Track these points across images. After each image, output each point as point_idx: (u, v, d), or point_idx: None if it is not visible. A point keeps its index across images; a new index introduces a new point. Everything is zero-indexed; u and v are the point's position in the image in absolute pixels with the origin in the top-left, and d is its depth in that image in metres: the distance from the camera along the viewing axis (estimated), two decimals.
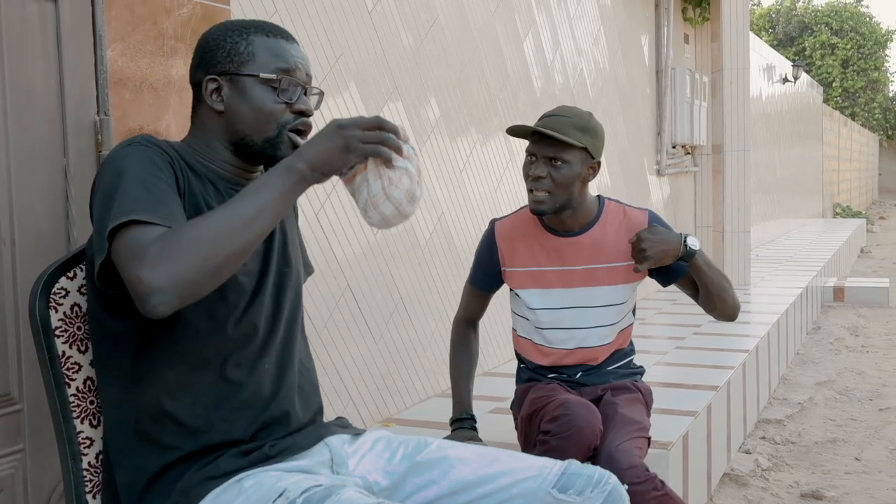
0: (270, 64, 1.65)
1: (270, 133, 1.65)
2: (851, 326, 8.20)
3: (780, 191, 14.11)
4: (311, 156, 1.51)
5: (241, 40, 1.65)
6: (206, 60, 1.67)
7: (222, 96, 1.65)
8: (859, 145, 28.66)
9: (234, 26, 1.68)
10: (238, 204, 1.46)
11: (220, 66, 1.65)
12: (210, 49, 1.67)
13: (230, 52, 1.65)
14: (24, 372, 1.96)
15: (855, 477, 4.19)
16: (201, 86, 1.67)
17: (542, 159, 2.51)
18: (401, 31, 3.80)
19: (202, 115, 1.69)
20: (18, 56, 1.96)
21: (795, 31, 32.48)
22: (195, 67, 1.69)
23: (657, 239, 2.53)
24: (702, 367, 4.41)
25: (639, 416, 2.53)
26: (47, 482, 2.02)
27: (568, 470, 1.73)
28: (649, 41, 7.65)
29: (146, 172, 1.50)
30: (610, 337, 2.69)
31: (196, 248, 1.39)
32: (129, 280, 1.40)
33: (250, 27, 1.67)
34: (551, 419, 2.43)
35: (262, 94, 1.64)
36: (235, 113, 1.65)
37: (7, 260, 1.93)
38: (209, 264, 1.40)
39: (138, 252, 1.39)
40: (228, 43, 1.65)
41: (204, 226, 1.42)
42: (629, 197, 6.80)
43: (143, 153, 1.53)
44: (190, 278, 1.38)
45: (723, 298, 2.63)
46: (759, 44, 12.53)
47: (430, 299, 4.01)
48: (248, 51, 1.65)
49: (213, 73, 1.65)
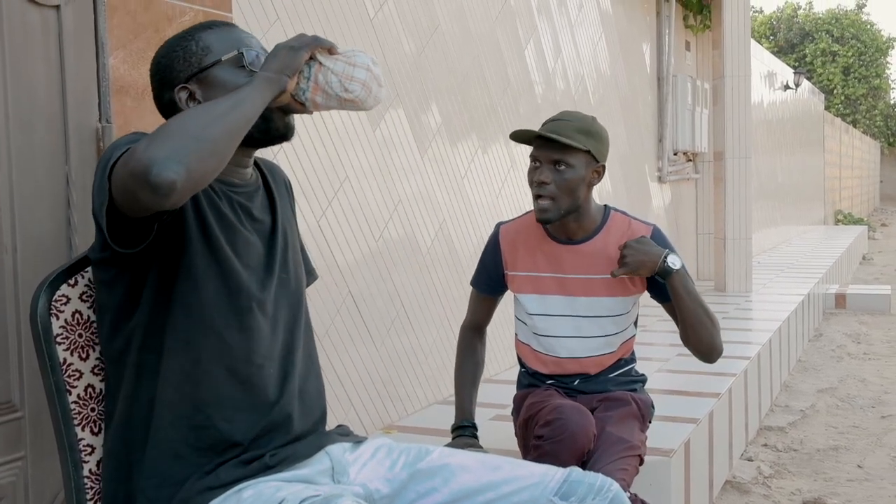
0: (227, 47, 1.66)
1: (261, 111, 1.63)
2: (853, 333, 8.19)
3: (781, 198, 14.11)
4: (268, 66, 1.56)
5: (190, 42, 1.66)
6: (167, 77, 1.66)
7: (197, 98, 1.65)
8: (861, 152, 28.66)
9: (175, 38, 1.69)
10: (216, 102, 1.49)
11: (182, 74, 1.65)
12: (165, 66, 1.67)
13: (185, 57, 1.65)
14: (25, 379, 1.96)
15: (857, 484, 4.19)
16: (174, 105, 1.66)
17: (547, 164, 2.51)
18: (402, 38, 3.81)
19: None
20: (21, 63, 1.96)
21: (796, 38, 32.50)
22: (160, 91, 1.68)
23: (639, 248, 2.52)
24: (703, 374, 4.40)
25: (629, 433, 2.50)
26: (48, 490, 2.02)
27: (570, 478, 1.73)
28: (650, 48, 7.66)
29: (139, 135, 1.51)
30: (606, 348, 2.68)
31: (187, 128, 1.41)
32: (131, 171, 1.37)
33: (191, 31, 1.68)
34: (545, 424, 2.43)
35: (232, 75, 1.65)
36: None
37: (8, 266, 1.93)
38: (203, 144, 1.41)
39: (133, 151, 1.39)
40: (179, 50, 1.66)
41: (189, 115, 1.45)
42: (630, 203, 6.80)
43: (135, 135, 1.54)
44: (188, 150, 1.39)
45: (697, 331, 2.55)
46: (760, 51, 12.55)
47: (431, 306, 4.01)
48: (201, 46, 1.65)
49: (179, 84, 1.65)
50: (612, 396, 2.65)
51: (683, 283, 2.52)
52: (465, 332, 2.81)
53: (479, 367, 2.78)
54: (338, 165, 3.37)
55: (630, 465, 2.43)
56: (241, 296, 1.63)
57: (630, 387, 2.73)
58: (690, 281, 2.54)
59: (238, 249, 1.65)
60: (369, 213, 3.57)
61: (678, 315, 2.58)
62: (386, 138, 3.68)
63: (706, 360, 2.63)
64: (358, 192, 3.50)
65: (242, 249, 1.65)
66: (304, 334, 1.79)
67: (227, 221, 1.65)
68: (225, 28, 1.70)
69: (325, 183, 3.30)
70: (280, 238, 1.75)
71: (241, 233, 1.66)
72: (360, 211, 3.51)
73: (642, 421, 2.64)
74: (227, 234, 1.63)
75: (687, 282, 2.52)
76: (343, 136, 3.40)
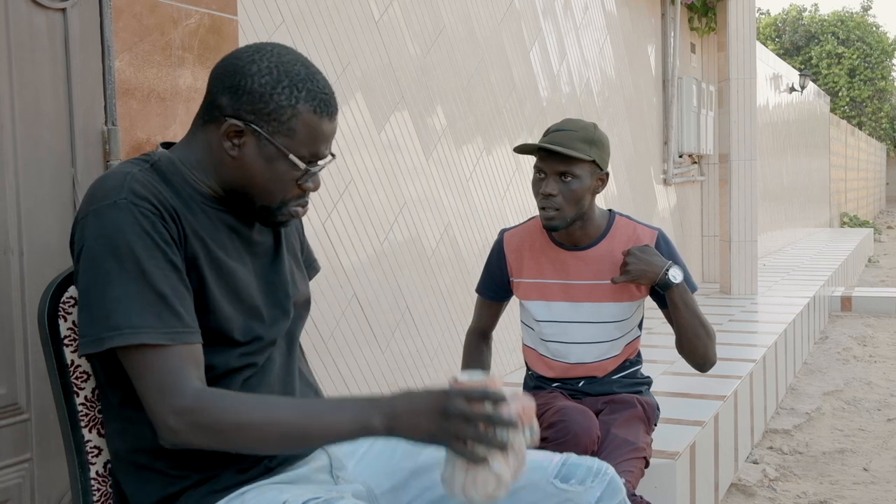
0: (305, 147, 1.55)
1: (272, 203, 1.59)
2: (859, 336, 8.17)
3: (786, 200, 14.08)
4: (398, 410, 1.41)
5: (288, 107, 1.52)
6: (242, 100, 1.52)
7: (240, 147, 1.54)
8: (867, 154, 28.61)
9: (286, 80, 1.52)
10: (299, 415, 1.44)
11: (254, 119, 1.53)
12: (251, 93, 1.52)
13: (272, 114, 1.52)
14: (31, 381, 1.96)
15: (863, 487, 4.18)
16: (220, 110, 1.55)
17: (552, 175, 2.51)
18: (407, 41, 3.81)
19: (209, 137, 1.58)
20: (27, 66, 1.97)
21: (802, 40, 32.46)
22: (223, 90, 1.54)
23: (642, 258, 2.53)
24: (709, 376, 4.36)
25: (633, 435, 2.51)
26: (55, 491, 2.02)
27: (568, 461, 1.77)
28: (656, 50, 7.65)
29: (144, 255, 1.44)
30: (612, 352, 2.69)
31: (232, 434, 1.43)
32: (152, 408, 1.44)
33: (302, 90, 1.53)
34: (548, 426, 2.45)
35: (282, 169, 1.55)
36: (247, 169, 1.56)
37: (15, 269, 1.93)
38: (235, 446, 1.45)
39: (169, 390, 1.42)
40: (274, 101, 1.51)
41: (254, 416, 1.43)
42: (635, 206, 6.80)
43: (135, 222, 1.45)
44: (212, 446, 1.45)
45: (692, 343, 2.57)
46: (765, 53, 12.53)
47: (436, 309, 4.01)
48: (290, 125, 1.52)
49: (243, 119, 1.53)
50: (618, 399, 2.65)
51: (682, 297, 2.54)
52: (471, 337, 2.82)
53: (484, 370, 2.78)
54: (343, 168, 3.38)
55: (635, 466, 2.43)
56: (247, 311, 1.61)
57: (635, 389, 2.73)
58: (689, 294, 2.56)
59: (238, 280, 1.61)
60: (374, 215, 3.58)
61: (674, 324, 2.60)
62: (391, 141, 3.68)
63: (699, 369, 2.66)
64: (363, 194, 3.50)
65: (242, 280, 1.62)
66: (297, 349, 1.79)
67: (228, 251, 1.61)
68: (324, 121, 1.55)
69: (330, 185, 3.30)
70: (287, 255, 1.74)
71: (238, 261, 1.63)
72: (365, 213, 3.51)
73: (647, 423, 2.64)
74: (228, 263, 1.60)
75: (686, 295, 2.54)
76: (348, 138, 3.41)
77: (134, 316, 1.43)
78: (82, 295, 1.47)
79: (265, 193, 1.58)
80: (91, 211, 1.48)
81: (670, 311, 2.58)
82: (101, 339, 1.43)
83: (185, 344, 1.46)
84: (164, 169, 1.56)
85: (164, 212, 1.50)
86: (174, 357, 1.44)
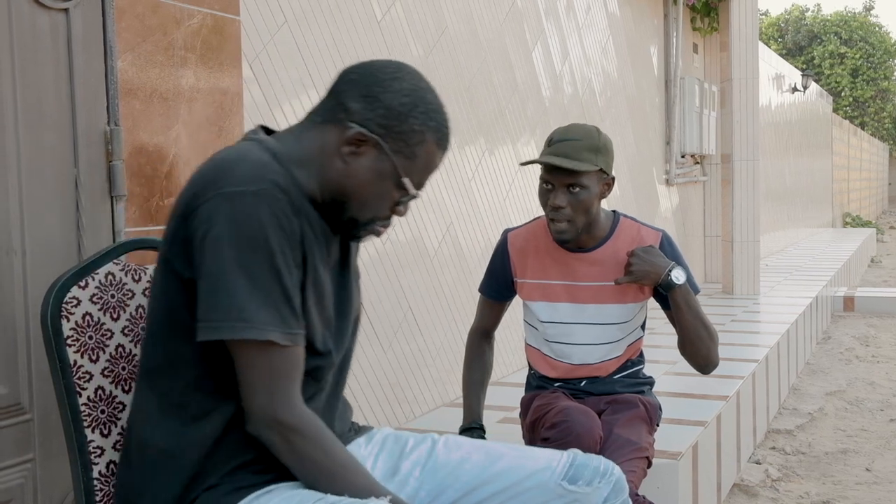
0: (417, 174, 1.58)
1: (362, 218, 1.60)
2: (861, 336, 8.17)
3: (789, 200, 14.08)
4: None
5: (419, 132, 1.55)
6: (376, 112, 1.54)
7: (357, 155, 1.55)
8: (869, 155, 28.60)
9: (422, 106, 1.56)
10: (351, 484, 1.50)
11: (383, 133, 1.54)
12: (389, 108, 1.54)
13: (402, 134, 1.54)
14: (34, 381, 1.97)
15: (866, 488, 4.17)
16: (347, 114, 1.55)
17: (560, 188, 2.50)
18: (410, 41, 3.81)
19: (325, 137, 1.57)
20: (29, 66, 1.97)
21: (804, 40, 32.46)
22: (357, 97, 1.55)
23: (646, 259, 2.54)
24: (711, 376, 4.34)
25: (636, 435, 2.51)
26: (57, 492, 2.02)
27: (575, 461, 1.78)
28: (658, 51, 7.65)
29: (278, 252, 1.45)
30: (615, 352, 2.69)
31: (305, 466, 1.49)
32: (257, 403, 1.47)
33: (433, 121, 1.57)
34: (550, 426, 2.45)
35: (388, 188, 1.57)
36: (354, 178, 1.56)
37: (18, 270, 1.94)
38: (298, 471, 1.51)
39: (280, 398, 1.46)
40: (408, 123, 1.54)
41: (330, 466, 1.49)
42: (638, 206, 6.80)
43: (273, 215, 1.45)
44: (282, 457, 1.50)
45: (695, 345, 2.58)
46: (768, 53, 12.52)
47: (438, 309, 4.01)
48: (414, 150, 1.56)
49: (372, 131, 1.54)
50: (620, 399, 2.65)
51: (685, 298, 2.54)
52: (473, 337, 2.81)
53: (487, 370, 2.78)
54: None
55: (638, 466, 2.44)
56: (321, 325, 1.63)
57: (637, 389, 2.73)
58: (692, 295, 2.56)
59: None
60: None
61: (676, 326, 2.60)
62: None
63: (701, 371, 2.67)
64: None
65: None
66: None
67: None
68: (440, 155, 1.61)
69: None
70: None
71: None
72: None
73: (650, 423, 2.64)
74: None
75: (689, 296, 2.54)
76: None
77: (263, 312, 1.43)
78: (208, 278, 1.44)
79: (361, 206, 1.59)
80: (222, 195, 1.45)
81: (673, 312, 2.58)
82: (229, 329, 1.43)
83: (298, 346, 1.49)
84: (281, 161, 1.54)
85: (297, 209, 1.50)
86: (289, 359, 1.48)
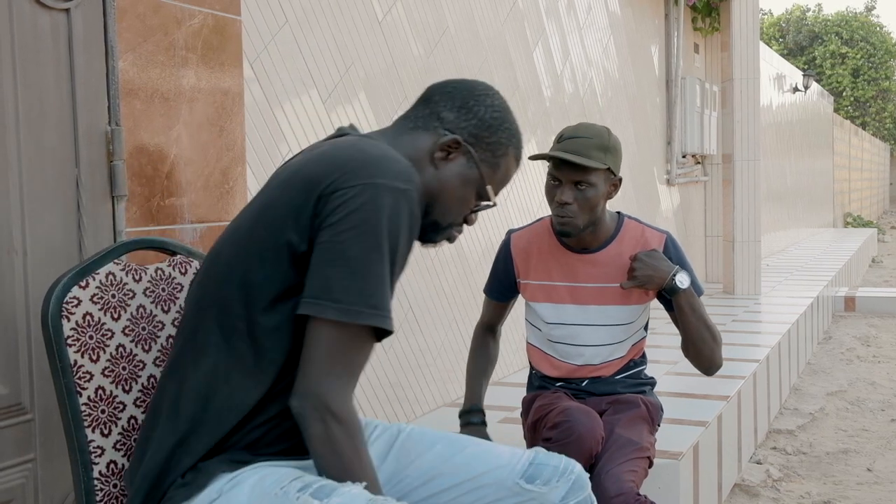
0: (496, 184, 1.71)
1: (444, 221, 1.69)
2: (863, 336, 8.16)
3: (790, 200, 14.07)
4: None
5: (505, 145, 1.70)
6: (470, 122, 1.67)
7: (448, 161, 1.67)
8: (870, 155, 28.58)
9: (509, 122, 1.71)
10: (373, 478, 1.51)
11: (473, 142, 1.67)
12: (482, 120, 1.68)
13: (490, 145, 1.68)
14: (35, 381, 1.97)
15: (867, 488, 4.17)
16: (441, 122, 1.68)
17: (568, 184, 2.50)
18: (411, 41, 3.81)
19: (417, 143, 1.68)
20: (30, 66, 1.97)
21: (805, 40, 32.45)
22: (452, 107, 1.68)
23: (649, 263, 2.54)
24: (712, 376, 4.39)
25: (637, 435, 2.51)
26: (58, 492, 2.02)
27: (535, 460, 1.79)
28: (659, 50, 7.65)
29: (404, 250, 1.53)
30: (618, 353, 2.70)
31: (330, 457, 1.47)
32: (318, 379, 1.46)
33: (515, 137, 1.72)
34: (552, 426, 2.45)
35: (470, 194, 1.69)
36: (443, 182, 1.67)
37: (19, 269, 1.94)
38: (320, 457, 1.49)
39: (346, 382, 1.47)
40: (497, 136, 1.69)
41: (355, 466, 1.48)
42: (639, 206, 6.79)
43: (412, 216, 1.52)
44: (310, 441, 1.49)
45: (698, 348, 2.59)
46: (769, 53, 12.52)
47: (439, 308, 4.01)
48: (498, 161, 1.70)
49: (467, 141, 1.67)
50: (622, 399, 2.65)
51: (689, 302, 2.55)
52: (479, 331, 2.84)
53: (491, 361, 2.80)
54: None
55: (639, 466, 2.43)
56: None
57: (639, 389, 2.73)
58: (696, 298, 2.56)
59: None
60: None
61: (680, 329, 2.61)
62: None
63: (705, 373, 2.68)
64: None
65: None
66: None
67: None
68: (515, 167, 1.75)
69: None
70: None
71: None
72: None
73: (651, 423, 2.64)
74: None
75: (693, 300, 2.55)
76: None
77: (387, 301, 1.48)
78: (346, 260, 1.46)
79: (445, 209, 1.68)
80: (382, 185, 1.49)
81: (677, 315, 2.58)
82: (358, 313, 1.45)
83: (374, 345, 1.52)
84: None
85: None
86: (368, 354, 1.51)
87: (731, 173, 7.88)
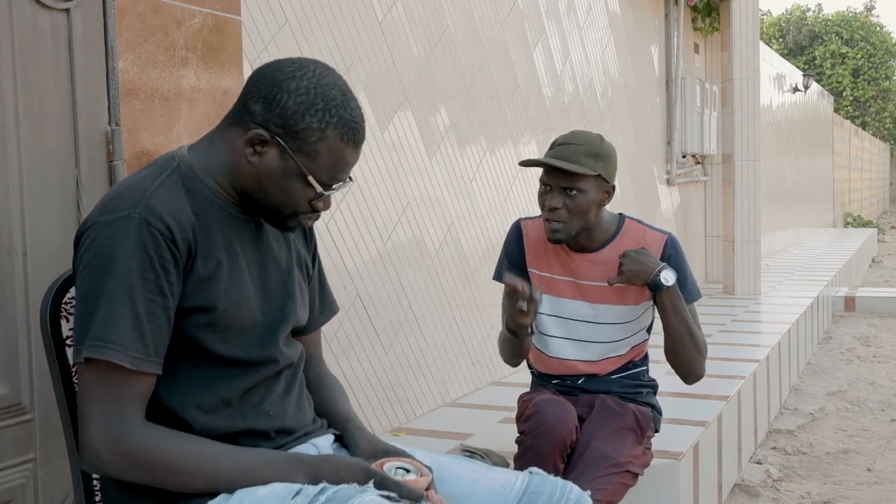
0: (324, 171, 1.57)
1: (284, 211, 1.61)
2: (863, 336, 8.16)
3: (790, 200, 14.07)
4: (322, 476, 1.49)
5: (317, 130, 1.54)
6: (274, 113, 1.54)
7: (261, 156, 1.56)
8: (870, 154, 28.57)
9: (321, 103, 1.54)
10: (229, 467, 1.49)
11: (281, 133, 1.54)
12: (284, 108, 1.54)
13: (299, 133, 1.54)
14: (35, 382, 1.97)
15: (867, 488, 4.17)
16: (250, 116, 1.56)
17: (557, 189, 2.52)
18: (411, 41, 3.81)
19: (233, 139, 1.59)
20: (31, 66, 1.97)
21: (805, 40, 32.44)
22: (258, 98, 1.56)
23: (636, 259, 2.55)
24: (712, 376, 4.36)
25: (615, 449, 2.48)
26: (58, 492, 2.03)
27: (529, 488, 1.70)
28: (659, 50, 7.65)
29: (136, 273, 1.45)
30: (616, 352, 2.70)
31: (161, 471, 1.45)
32: (89, 431, 1.44)
33: (334, 116, 1.55)
34: (525, 419, 2.49)
35: (297, 187, 1.57)
36: (262, 178, 1.57)
37: (19, 270, 1.94)
38: (163, 485, 1.47)
39: (114, 422, 1.43)
40: (305, 122, 1.53)
41: (188, 460, 1.47)
42: (639, 206, 6.79)
43: (139, 237, 1.45)
44: (138, 481, 1.47)
45: (676, 351, 2.58)
46: (769, 53, 12.51)
47: (439, 308, 4.01)
48: (315, 147, 1.55)
49: (270, 131, 1.55)
50: (609, 405, 2.63)
51: (672, 301, 2.54)
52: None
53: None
54: None
55: (611, 482, 2.41)
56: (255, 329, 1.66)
57: (635, 390, 2.73)
58: (681, 300, 2.55)
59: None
60: (378, 215, 3.58)
61: (663, 329, 2.60)
62: (394, 141, 3.68)
63: (684, 380, 2.67)
64: (366, 194, 3.50)
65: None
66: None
67: None
68: (349, 149, 1.58)
69: None
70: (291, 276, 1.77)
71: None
72: (368, 213, 3.51)
73: (639, 433, 2.62)
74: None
75: (676, 300, 2.54)
76: None
77: (107, 330, 1.43)
78: (80, 301, 1.47)
79: (278, 203, 1.60)
80: (100, 221, 1.48)
81: (659, 314, 2.59)
82: (80, 350, 1.44)
83: (142, 374, 1.46)
84: (185, 174, 1.57)
85: (178, 233, 1.50)
86: (130, 385, 1.45)
87: (731, 173, 7.88)
